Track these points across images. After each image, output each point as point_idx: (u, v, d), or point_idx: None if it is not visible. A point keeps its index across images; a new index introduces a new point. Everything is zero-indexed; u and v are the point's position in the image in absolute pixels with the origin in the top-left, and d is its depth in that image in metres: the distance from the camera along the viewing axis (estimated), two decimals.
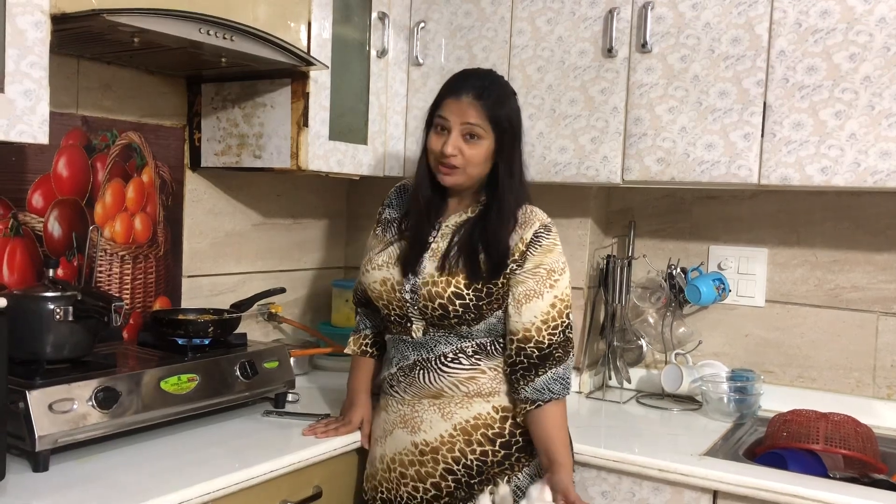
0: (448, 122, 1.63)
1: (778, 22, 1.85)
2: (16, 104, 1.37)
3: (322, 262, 2.69)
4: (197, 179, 2.22)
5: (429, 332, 1.67)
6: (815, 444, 1.84)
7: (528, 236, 1.63)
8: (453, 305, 1.61)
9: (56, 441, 1.47)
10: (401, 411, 1.70)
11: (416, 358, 1.68)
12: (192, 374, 1.74)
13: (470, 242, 1.64)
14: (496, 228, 1.63)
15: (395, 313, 1.70)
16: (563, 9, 2.09)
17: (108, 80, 1.97)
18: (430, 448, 1.65)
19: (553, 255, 1.64)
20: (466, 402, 1.65)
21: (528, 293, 1.62)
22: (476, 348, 1.66)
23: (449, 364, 1.65)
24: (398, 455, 1.69)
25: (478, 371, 1.65)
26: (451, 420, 1.64)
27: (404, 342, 1.70)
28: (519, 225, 1.64)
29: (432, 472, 1.65)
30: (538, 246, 1.63)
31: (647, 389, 2.36)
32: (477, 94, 1.62)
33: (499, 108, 1.63)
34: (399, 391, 1.71)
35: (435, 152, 1.65)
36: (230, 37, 1.68)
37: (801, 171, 1.83)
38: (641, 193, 2.40)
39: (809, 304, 2.20)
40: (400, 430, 1.69)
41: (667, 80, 1.98)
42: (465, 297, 1.61)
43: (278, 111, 2.02)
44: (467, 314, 1.62)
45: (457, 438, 1.64)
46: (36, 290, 1.63)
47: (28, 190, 1.82)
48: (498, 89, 1.66)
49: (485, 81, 1.65)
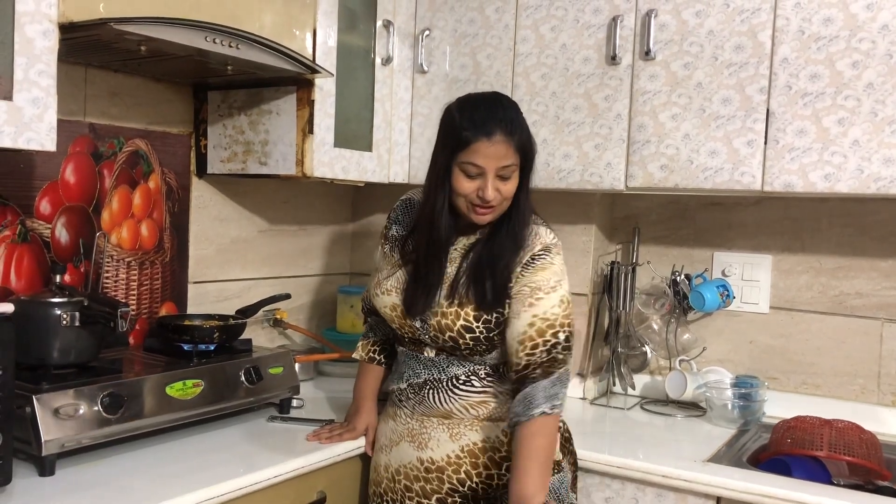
0: (482, 168, 1.53)
1: (781, 29, 1.86)
2: (24, 112, 1.39)
3: (327, 269, 2.70)
4: (203, 186, 2.24)
5: (441, 354, 1.65)
6: (820, 450, 1.84)
7: (525, 259, 1.58)
8: (463, 339, 1.58)
9: (62, 445, 1.48)
10: (409, 425, 1.68)
11: (428, 377, 1.66)
12: (198, 380, 1.75)
13: (479, 266, 1.59)
14: (503, 250, 1.58)
15: (408, 336, 1.68)
16: (566, 16, 2.11)
17: (115, 88, 1.98)
18: (436, 467, 1.64)
19: (545, 273, 1.56)
20: (476, 425, 1.62)
21: (509, 316, 1.56)
22: (489, 371, 1.63)
23: (461, 387, 1.63)
24: (403, 468, 1.68)
25: (489, 395, 1.63)
26: (459, 441, 1.63)
27: (416, 359, 1.68)
28: (522, 248, 1.59)
29: (437, 489, 1.63)
30: (530, 267, 1.57)
31: (652, 396, 2.36)
32: (508, 131, 1.53)
33: (526, 138, 1.57)
34: (408, 406, 1.69)
35: (468, 195, 1.56)
36: (236, 45, 1.69)
37: (805, 178, 1.84)
38: (645, 200, 2.40)
39: (814, 311, 2.20)
40: (407, 444, 1.68)
41: (670, 88, 1.98)
42: (475, 330, 1.57)
43: (284, 118, 2.04)
44: (478, 346, 1.59)
45: (463, 460, 1.62)
46: (43, 295, 1.65)
47: (36, 196, 1.83)
48: (518, 116, 1.58)
49: (508, 113, 1.56)
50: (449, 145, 1.57)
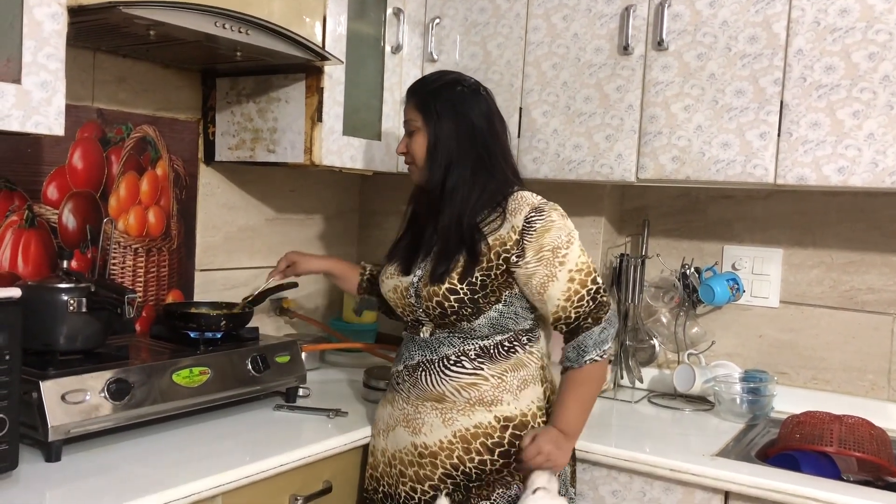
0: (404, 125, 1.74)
1: (796, 20, 1.83)
2: (32, 95, 1.38)
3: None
4: (211, 173, 2.23)
5: (435, 333, 1.67)
6: (829, 446, 1.82)
7: (518, 224, 1.60)
8: (448, 301, 1.61)
9: (68, 431, 1.47)
10: (405, 410, 1.69)
11: (421, 358, 1.68)
12: (205, 367, 1.74)
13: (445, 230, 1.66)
14: (450, 213, 1.63)
15: (409, 318, 1.72)
16: (579, 6, 2.08)
17: (123, 74, 1.97)
18: (430, 452, 1.65)
19: (552, 233, 1.59)
20: (468, 410, 1.63)
21: (543, 281, 1.59)
22: (479, 351, 1.64)
23: (451, 367, 1.64)
24: (398, 453, 1.69)
25: (480, 378, 1.63)
26: (451, 426, 1.63)
27: (413, 341, 1.71)
28: (510, 213, 1.61)
29: (430, 475, 1.64)
30: (532, 231, 1.59)
31: (659, 389, 2.35)
32: (410, 92, 1.72)
33: (430, 98, 1.67)
34: (404, 390, 1.70)
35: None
36: (246, 31, 1.68)
37: (818, 171, 1.82)
38: (655, 192, 2.38)
39: (824, 306, 2.19)
40: (402, 429, 1.69)
41: (683, 78, 1.96)
42: (460, 291, 1.60)
43: (293, 106, 2.03)
44: (463, 309, 1.61)
45: (456, 445, 1.63)
46: (50, 281, 1.64)
47: (43, 182, 1.83)
48: (435, 83, 1.70)
49: (424, 79, 1.75)
50: None
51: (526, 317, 1.66)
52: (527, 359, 1.66)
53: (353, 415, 1.89)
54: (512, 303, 1.63)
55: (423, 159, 1.68)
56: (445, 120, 1.65)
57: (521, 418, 1.63)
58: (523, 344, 1.66)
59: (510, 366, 1.64)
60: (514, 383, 1.63)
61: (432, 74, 1.77)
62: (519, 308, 1.64)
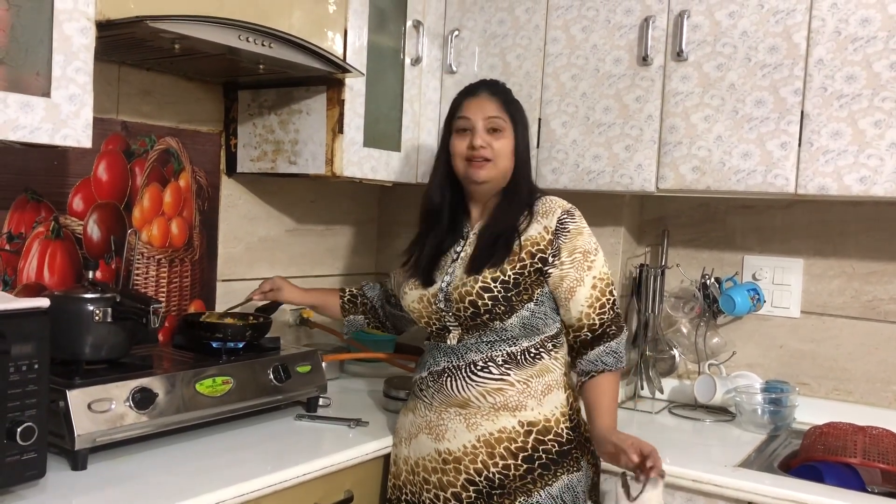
0: (470, 120, 1.70)
1: (816, 30, 1.83)
2: (61, 109, 1.40)
3: (353, 269, 2.70)
4: (232, 185, 2.25)
5: (463, 339, 1.68)
6: (853, 457, 1.81)
7: (552, 224, 1.66)
8: (482, 300, 1.62)
9: (94, 440, 1.49)
10: (427, 417, 1.70)
11: (447, 364, 1.69)
12: (227, 377, 1.75)
13: (488, 228, 1.70)
14: (507, 211, 1.69)
15: (435, 326, 1.72)
16: (598, 17, 2.09)
17: (147, 87, 2.00)
18: (453, 458, 1.65)
19: (583, 237, 1.67)
20: (492, 415, 1.64)
21: (573, 284, 1.64)
22: (506, 357, 1.65)
23: (478, 373, 1.65)
24: (422, 460, 1.70)
25: (506, 383, 1.64)
26: (475, 431, 1.64)
27: (438, 348, 1.72)
28: (540, 215, 1.68)
29: (454, 481, 1.65)
30: (566, 232, 1.66)
31: (680, 400, 2.34)
32: (491, 91, 1.73)
33: (512, 101, 1.75)
34: (427, 396, 1.71)
35: (462, 152, 1.71)
36: (269, 44, 1.70)
37: (840, 181, 1.81)
38: (675, 202, 2.38)
39: (846, 316, 2.17)
40: (425, 436, 1.70)
41: (702, 89, 1.96)
42: (493, 289, 1.62)
43: (314, 118, 2.04)
44: (497, 307, 1.62)
45: (479, 450, 1.63)
46: (76, 291, 1.66)
47: (69, 193, 1.85)
48: (506, 87, 1.78)
49: (495, 81, 1.79)
50: (447, 119, 1.78)
51: (554, 318, 1.69)
52: (552, 364, 1.67)
53: (373, 424, 1.89)
54: (543, 302, 1.66)
55: (506, 160, 1.71)
56: (523, 129, 1.75)
57: (545, 423, 1.64)
58: (549, 350, 1.68)
59: (536, 371, 1.65)
60: (538, 389, 1.64)
61: (497, 80, 1.81)
62: (548, 308, 1.67)
